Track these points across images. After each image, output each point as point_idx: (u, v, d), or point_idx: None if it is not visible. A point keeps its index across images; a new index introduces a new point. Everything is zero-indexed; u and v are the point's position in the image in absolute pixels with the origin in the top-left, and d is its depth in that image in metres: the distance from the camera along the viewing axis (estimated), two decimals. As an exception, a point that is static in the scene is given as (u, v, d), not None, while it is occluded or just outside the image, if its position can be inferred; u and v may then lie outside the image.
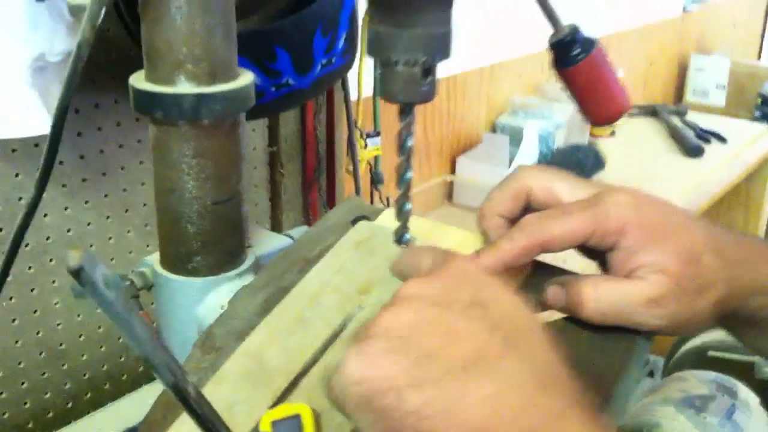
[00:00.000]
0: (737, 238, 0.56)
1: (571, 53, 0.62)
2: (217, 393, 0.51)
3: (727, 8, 2.69)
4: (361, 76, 1.27)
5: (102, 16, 0.58)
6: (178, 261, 0.66)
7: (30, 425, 1.05)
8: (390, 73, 0.50)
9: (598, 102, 0.64)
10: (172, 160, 0.62)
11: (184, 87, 0.60)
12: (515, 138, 1.72)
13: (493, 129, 1.79)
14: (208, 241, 0.65)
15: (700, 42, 2.57)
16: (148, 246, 1.09)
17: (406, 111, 0.51)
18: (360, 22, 0.96)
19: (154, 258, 0.68)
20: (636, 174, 1.86)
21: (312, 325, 0.53)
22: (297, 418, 0.47)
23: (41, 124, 0.83)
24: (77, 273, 0.28)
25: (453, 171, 1.68)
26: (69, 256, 0.28)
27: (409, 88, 0.50)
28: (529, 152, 1.69)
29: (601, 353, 0.53)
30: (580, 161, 1.75)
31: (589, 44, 0.62)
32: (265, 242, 0.72)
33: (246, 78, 0.63)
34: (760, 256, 0.56)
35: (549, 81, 1.94)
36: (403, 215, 0.55)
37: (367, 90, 1.29)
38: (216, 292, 0.65)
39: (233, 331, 0.57)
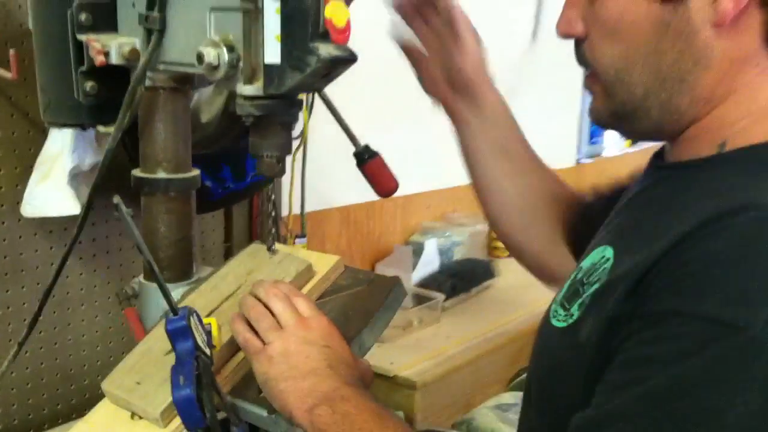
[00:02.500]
0: None
1: (363, 158, 1.14)
2: (169, 320, 1.00)
3: (617, 162, 3.26)
4: (291, 200, 1.81)
5: (118, 138, 1.10)
6: (153, 275, 1.15)
7: None
8: (260, 162, 1.01)
9: (379, 184, 1.15)
10: (152, 215, 1.13)
11: (160, 174, 1.11)
12: (422, 251, 2.24)
13: (407, 244, 2.31)
14: (170, 263, 1.14)
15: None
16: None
17: (270, 181, 1.03)
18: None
19: (140, 276, 1.18)
20: (521, 282, 2.35)
21: (219, 290, 1.03)
22: (209, 324, 0.96)
23: (74, 208, 1.34)
24: (117, 206, 0.78)
25: (372, 274, 2.19)
26: (115, 198, 0.78)
27: (270, 169, 1.01)
28: (430, 262, 2.21)
29: (370, 297, 1.02)
30: (473, 269, 2.27)
31: (372, 154, 1.14)
32: (206, 271, 1.21)
33: (195, 172, 1.15)
34: None
35: (454, 211, 2.49)
36: (272, 237, 1.06)
37: (297, 207, 1.83)
38: (174, 292, 1.14)
39: (181, 303, 1.07)
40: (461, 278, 2.18)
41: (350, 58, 0.93)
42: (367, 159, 1.12)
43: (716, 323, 0.63)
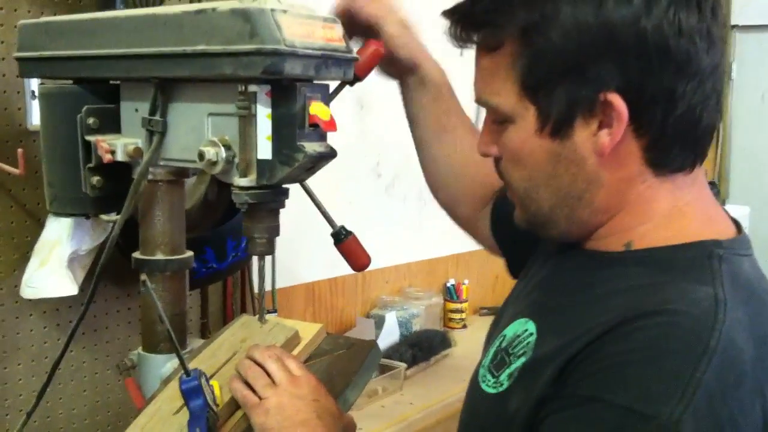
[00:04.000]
0: None
1: (340, 237, 1.29)
2: (174, 384, 1.13)
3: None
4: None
5: (122, 225, 1.24)
6: (151, 346, 1.28)
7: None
8: (252, 242, 1.16)
9: (354, 260, 1.30)
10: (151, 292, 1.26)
11: (159, 256, 1.25)
12: (383, 323, 2.38)
13: (369, 317, 2.46)
14: (167, 336, 1.27)
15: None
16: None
17: (261, 259, 1.18)
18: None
19: (139, 349, 1.30)
20: (476, 351, 2.50)
21: (217, 357, 1.16)
22: (212, 386, 1.09)
23: (72, 290, 1.47)
24: (144, 282, 0.92)
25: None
26: (142, 276, 0.92)
27: (262, 249, 1.16)
28: (390, 333, 2.35)
29: (350, 359, 1.16)
30: (430, 340, 2.42)
31: (348, 234, 1.29)
32: (197, 343, 1.34)
33: (188, 254, 1.29)
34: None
35: (409, 285, 2.65)
36: (262, 309, 1.20)
37: (268, 284, 1.97)
38: (171, 362, 1.27)
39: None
40: (420, 348, 2.33)
41: (331, 154, 1.10)
42: (343, 238, 1.27)
43: (630, 412, 0.77)
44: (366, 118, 2.29)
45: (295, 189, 1.14)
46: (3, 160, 1.43)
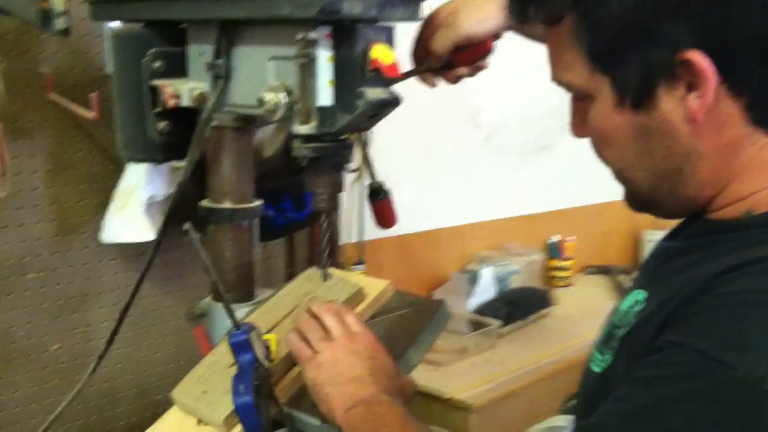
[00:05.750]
0: None
1: (377, 195, 1.23)
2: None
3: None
4: (351, 228, 1.91)
5: (190, 172, 1.21)
6: (219, 296, 1.26)
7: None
8: (314, 198, 1.11)
9: (382, 219, 1.24)
10: (218, 241, 1.24)
11: (226, 204, 1.22)
12: (478, 279, 2.31)
13: (464, 273, 2.39)
14: (234, 285, 1.25)
15: (654, 221, 3.15)
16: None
17: (322, 215, 1.13)
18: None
19: (209, 297, 1.29)
20: (578, 311, 2.40)
21: (279, 309, 1.13)
22: (268, 340, 1.05)
23: (149, 235, 1.46)
24: (186, 232, 0.89)
25: (429, 301, 2.27)
26: (186, 225, 0.89)
27: (323, 205, 1.11)
28: (485, 289, 2.28)
29: (417, 318, 1.11)
30: (529, 298, 2.33)
31: (385, 192, 1.23)
32: (267, 294, 1.32)
33: (257, 202, 1.25)
34: None
35: (509, 241, 2.56)
36: (325, 264, 1.16)
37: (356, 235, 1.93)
38: (238, 312, 1.24)
39: (243, 324, 1.17)
40: (518, 306, 2.24)
41: (394, 102, 1.03)
42: (381, 198, 1.23)
43: (705, 357, 0.69)
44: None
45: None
46: (83, 104, 1.43)
